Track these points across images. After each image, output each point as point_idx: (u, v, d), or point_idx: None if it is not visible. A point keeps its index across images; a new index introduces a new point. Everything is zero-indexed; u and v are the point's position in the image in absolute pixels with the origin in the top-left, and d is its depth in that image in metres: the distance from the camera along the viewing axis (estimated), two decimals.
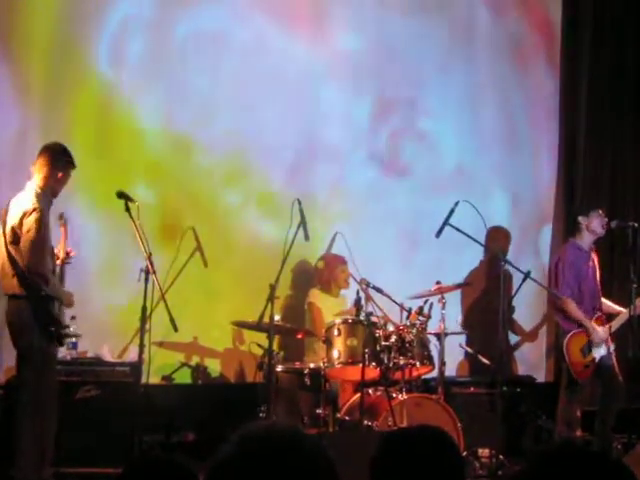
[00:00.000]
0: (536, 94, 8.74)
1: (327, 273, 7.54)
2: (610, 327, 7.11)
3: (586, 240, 7.22)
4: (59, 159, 6.02)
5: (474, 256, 8.17)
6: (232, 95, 7.79)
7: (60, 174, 6.02)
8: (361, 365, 6.34)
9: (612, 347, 7.09)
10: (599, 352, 7.02)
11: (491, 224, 7.58)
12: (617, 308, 7.28)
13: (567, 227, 8.11)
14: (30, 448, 5.78)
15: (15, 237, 5.85)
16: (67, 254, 6.25)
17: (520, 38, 8.70)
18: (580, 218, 7.23)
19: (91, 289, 6.74)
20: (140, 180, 7.47)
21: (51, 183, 5.99)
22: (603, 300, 7.32)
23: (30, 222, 5.79)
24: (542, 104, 8.75)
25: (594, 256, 7.30)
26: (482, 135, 8.54)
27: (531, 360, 8.51)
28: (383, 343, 6.56)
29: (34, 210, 5.81)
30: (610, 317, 7.21)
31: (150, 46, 7.64)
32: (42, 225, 5.80)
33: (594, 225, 7.18)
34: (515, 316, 8.28)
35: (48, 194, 6.00)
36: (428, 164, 8.36)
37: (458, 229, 6.74)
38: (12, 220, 5.87)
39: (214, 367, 7.71)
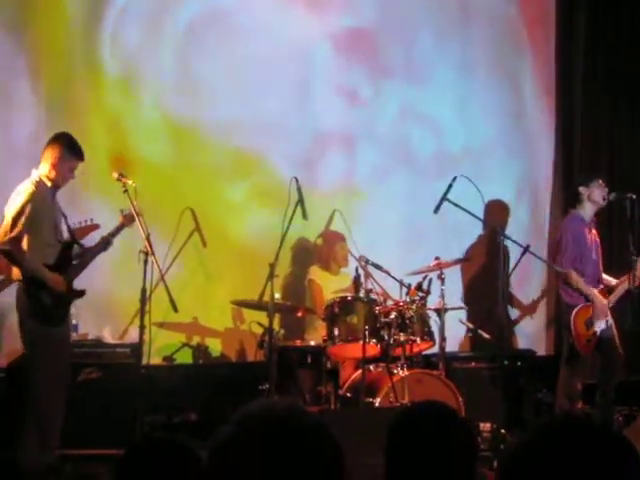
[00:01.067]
0: (533, 73, 8.71)
1: (326, 250, 7.55)
2: (609, 301, 7.11)
3: (588, 211, 7.19)
4: (66, 150, 6.04)
5: (474, 232, 8.18)
6: (231, 77, 7.75)
7: (65, 164, 6.03)
8: (361, 342, 6.36)
9: (610, 320, 7.09)
10: (599, 325, 7.02)
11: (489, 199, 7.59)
12: (614, 281, 7.27)
13: (566, 202, 8.12)
14: (33, 432, 5.81)
15: None
16: (103, 240, 6.28)
17: (516, 16, 8.66)
18: (581, 188, 7.19)
19: (91, 271, 6.72)
20: (139, 163, 7.46)
21: (55, 173, 6.02)
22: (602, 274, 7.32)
23: (13, 203, 5.86)
24: (540, 82, 8.73)
25: (594, 229, 7.28)
26: (482, 113, 8.51)
27: (531, 334, 8.52)
28: (383, 320, 6.57)
29: (21, 192, 5.87)
30: (610, 290, 7.21)
31: (149, 32, 7.62)
32: (25, 206, 5.81)
33: (595, 195, 7.14)
34: (514, 290, 8.28)
35: (48, 182, 6.02)
36: (426, 143, 8.33)
37: (456, 204, 6.74)
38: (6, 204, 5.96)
39: (215, 347, 7.72)
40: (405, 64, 8.34)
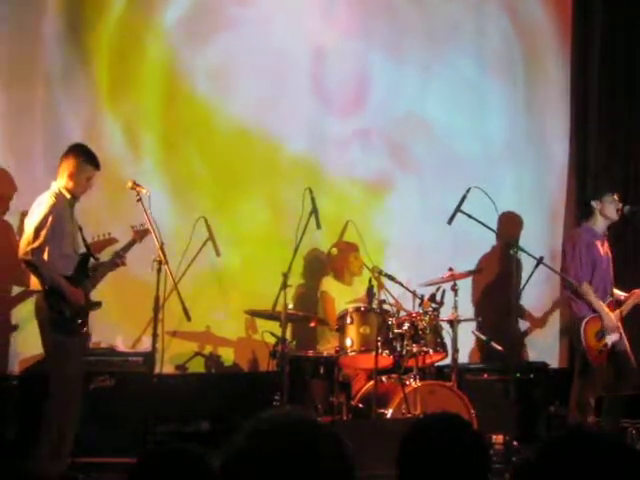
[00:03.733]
0: (548, 79, 8.69)
1: (340, 260, 7.53)
2: (621, 312, 7.08)
3: (600, 225, 7.16)
4: (82, 160, 6.14)
5: (487, 243, 8.16)
6: (243, 84, 7.78)
7: (83, 175, 6.13)
8: (374, 353, 6.35)
9: (622, 332, 7.06)
10: (612, 338, 6.99)
11: (502, 211, 7.58)
12: (623, 296, 7.24)
13: (579, 212, 8.10)
14: (47, 440, 5.84)
15: None
16: (115, 255, 6.40)
17: (531, 21, 8.64)
18: (593, 202, 7.16)
19: (104, 280, 6.74)
20: (152, 170, 7.49)
21: (73, 184, 6.12)
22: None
23: (34, 214, 5.96)
24: (555, 88, 8.70)
25: (606, 242, 7.26)
26: (495, 121, 8.51)
27: (544, 346, 8.49)
28: (396, 331, 6.57)
29: (42, 204, 5.98)
30: (619, 303, 7.18)
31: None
32: (46, 218, 5.91)
33: (608, 210, 7.11)
34: (525, 302, 8.24)
35: (67, 194, 6.11)
36: (438, 151, 8.32)
37: (470, 215, 6.74)
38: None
39: (227, 356, 7.72)
40: (415, 70, 8.33)
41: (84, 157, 6.13)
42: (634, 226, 7.57)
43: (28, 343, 6.65)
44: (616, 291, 7.29)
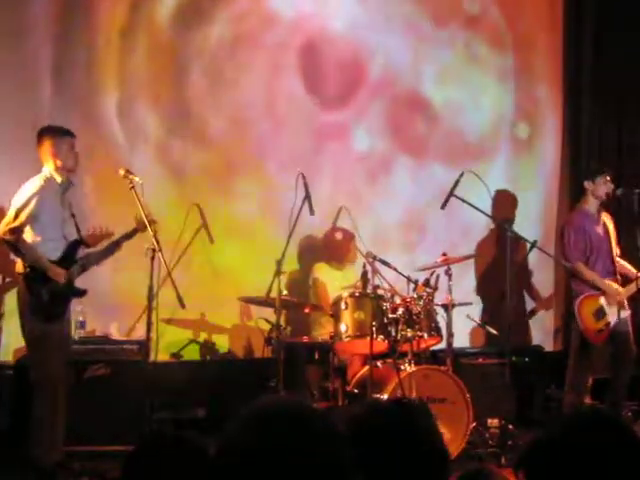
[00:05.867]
0: (541, 63, 8.68)
1: (342, 247, 7.49)
2: (622, 292, 7.07)
3: (592, 205, 7.19)
4: (56, 135, 6.12)
5: (481, 226, 8.16)
6: (238, 71, 7.76)
7: (63, 146, 6.11)
8: (369, 338, 6.35)
9: (627, 312, 7.04)
10: (613, 315, 6.96)
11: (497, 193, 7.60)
12: (632, 270, 7.21)
13: (572, 192, 8.12)
14: (42, 428, 5.82)
15: None
16: (112, 243, 6.42)
17: (522, 8, 8.64)
18: (586, 183, 7.20)
19: (98, 268, 6.73)
20: (145, 158, 7.47)
21: (60, 160, 6.09)
22: (621, 262, 7.27)
23: (19, 195, 5.95)
24: (548, 71, 8.70)
25: (606, 219, 7.25)
26: (489, 103, 8.51)
27: (541, 329, 8.50)
28: (390, 316, 6.56)
29: (29, 186, 5.96)
30: (628, 279, 7.15)
31: None
32: (30, 200, 5.89)
33: (599, 191, 7.14)
34: (525, 284, 8.27)
35: (58, 178, 6.08)
36: (430, 134, 8.32)
37: (463, 200, 6.74)
38: None
39: (222, 343, 7.72)
40: (410, 54, 8.32)
41: (56, 133, 6.12)
42: (628, 207, 7.55)
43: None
44: (625, 264, 7.25)
